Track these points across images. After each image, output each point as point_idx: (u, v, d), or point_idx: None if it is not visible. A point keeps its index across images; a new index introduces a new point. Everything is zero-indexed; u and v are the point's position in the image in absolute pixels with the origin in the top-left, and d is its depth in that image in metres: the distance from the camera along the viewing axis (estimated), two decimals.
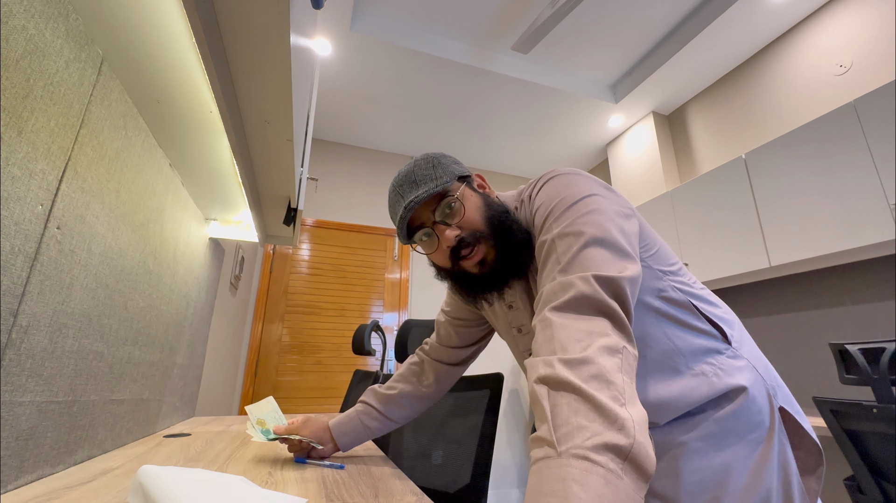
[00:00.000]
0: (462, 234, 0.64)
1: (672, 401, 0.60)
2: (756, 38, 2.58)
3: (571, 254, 0.52)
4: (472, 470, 1.00)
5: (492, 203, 0.67)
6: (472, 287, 0.69)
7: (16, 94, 0.53)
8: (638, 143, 3.30)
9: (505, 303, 0.72)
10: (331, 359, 3.05)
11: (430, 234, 0.66)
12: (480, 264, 0.65)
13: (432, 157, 0.68)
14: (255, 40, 0.66)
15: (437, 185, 0.63)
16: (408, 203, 0.63)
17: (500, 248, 0.64)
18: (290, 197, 1.29)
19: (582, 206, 0.57)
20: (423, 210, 0.65)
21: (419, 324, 1.44)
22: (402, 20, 2.56)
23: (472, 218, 0.65)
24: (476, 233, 0.64)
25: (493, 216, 0.65)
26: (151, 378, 1.06)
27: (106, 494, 0.55)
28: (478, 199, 0.67)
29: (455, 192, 0.66)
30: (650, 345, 0.63)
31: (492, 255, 0.64)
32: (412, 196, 0.63)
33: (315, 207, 3.34)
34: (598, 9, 2.47)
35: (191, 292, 1.34)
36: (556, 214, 0.58)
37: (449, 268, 0.68)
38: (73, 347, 0.69)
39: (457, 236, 0.64)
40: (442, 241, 0.65)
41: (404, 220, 0.64)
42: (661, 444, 0.61)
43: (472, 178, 0.70)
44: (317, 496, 0.56)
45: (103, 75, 0.72)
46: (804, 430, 0.61)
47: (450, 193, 0.65)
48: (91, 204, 0.72)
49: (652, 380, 0.62)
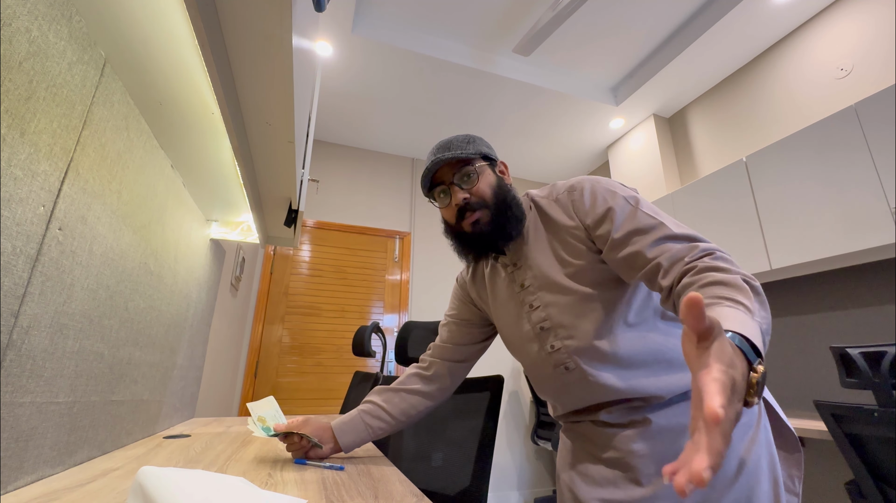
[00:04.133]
0: (470, 199, 0.77)
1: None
2: (757, 42, 2.59)
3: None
4: (471, 472, 1.00)
5: (503, 185, 0.80)
6: (467, 244, 0.82)
7: (19, 96, 0.53)
8: (639, 145, 3.30)
9: (517, 282, 0.81)
10: (331, 360, 3.05)
11: (447, 192, 0.80)
12: (474, 225, 0.78)
13: (470, 135, 0.82)
14: (257, 42, 0.66)
15: (463, 154, 0.78)
16: (436, 159, 0.78)
17: (495, 218, 0.78)
18: (291, 198, 1.29)
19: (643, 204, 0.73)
20: (446, 171, 0.79)
21: (419, 325, 1.44)
22: (404, 22, 2.57)
23: (482, 189, 0.78)
24: (482, 202, 0.78)
25: (499, 193, 0.79)
26: (152, 379, 1.06)
27: (106, 495, 0.55)
28: (493, 177, 0.81)
29: (475, 165, 0.79)
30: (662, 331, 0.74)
31: (486, 220, 0.77)
32: (441, 155, 0.78)
33: (316, 209, 3.34)
34: (599, 11, 2.47)
35: (191, 293, 1.34)
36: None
37: (453, 226, 0.82)
38: (73, 348, 0.69)
39: (465, 198, 0.77)
40: (453, 199, 0.79)
41: (430, 172, 0.79)
42: (672, 427, 0.69)
43: (496, 162, 0.84)
44: (317, 497, 0.56)
45: (106, 77, 0.73)
46: (783, 421, 0.72)
47: (471, 164, 0.79)
48: (93, 205, 0.72)
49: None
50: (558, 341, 0.76)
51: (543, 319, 0.77)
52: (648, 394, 0.69)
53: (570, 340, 0.74)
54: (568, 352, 0.74)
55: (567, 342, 0.75)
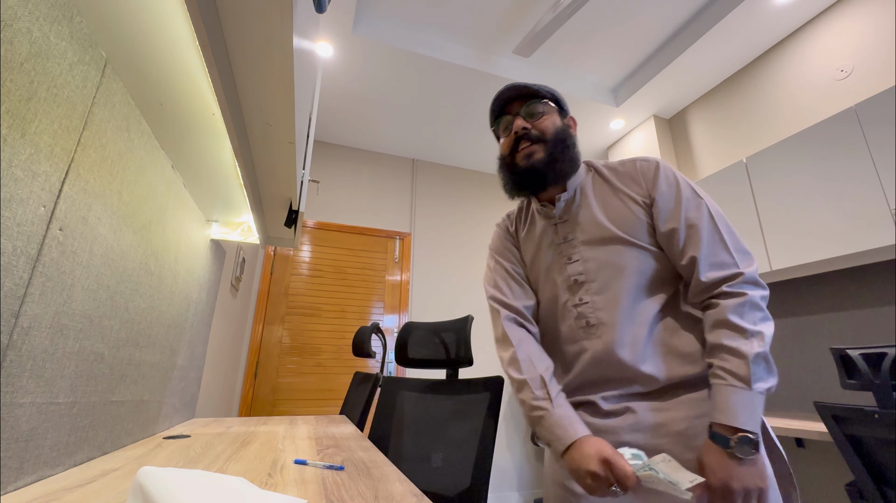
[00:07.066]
0: (530, 130, 0.81)
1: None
2: (757, 43, 2.59)
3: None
4: (471, 473, 1.00)
5: (566, 131, 0.84)
6: (517, 177, 0.84)
7: (20, 97, 0.53)
8: (639, 146, 3.30)
9: (559, 235, 0.84)
10: (331, 360, 3.04)
11: (510, 122, 0.84)
12: (527, 157, 0.81)
13: (549, 86, 0.87)
14: (257, 43, 0.67)
15: (535, 87, 0.83)
16: (511, 85, 0.83)
17: (549, 155, 0.80)
18: (291, 199, 1.29)
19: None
20: (516, 105, 0.84)
21: (420, 326, 1.44)
22: (404, 23, 2.57)
23: (544, 126, 0.82)
24: (540, 136, 0.81)
25: (559, 135, 0.81)
26: (152, 379, 1.06)
27: (106, 496, 0.55)
28: (559, 122, 0.84)
29: (544, 102, 0.83)
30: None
31: (539, 156, 0.80)
32: (517, 84, 0.83)
33: (316, 209, 3.34)
34: (599, 12, 2.47)
35: (192, 294, 1.34)
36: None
37: (507, 157, 0.85)
38: (73, 349, 0.69)
39: (524, 128, 0.81)
40: (513, 126, 0.83)
41: (500, 99, 0.84)
42: (663, 422, 0.72)
43: (567, 113, 0.87)
44: (316, 497, 0.56)
45: (107, 77, 0.73)
46: (773, 442, 0.72)
47: (540, 101, 0.83)
48: (93, 205, 0.72)
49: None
50: (588, 295, 0.79)
51: (580, 272, 0.80)
52: (649, 373, 0.73)
53: (599, 296, 0.78)
54: (595, 307, 0.78)
55: (596, 297, 0.78)
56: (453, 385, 1.26)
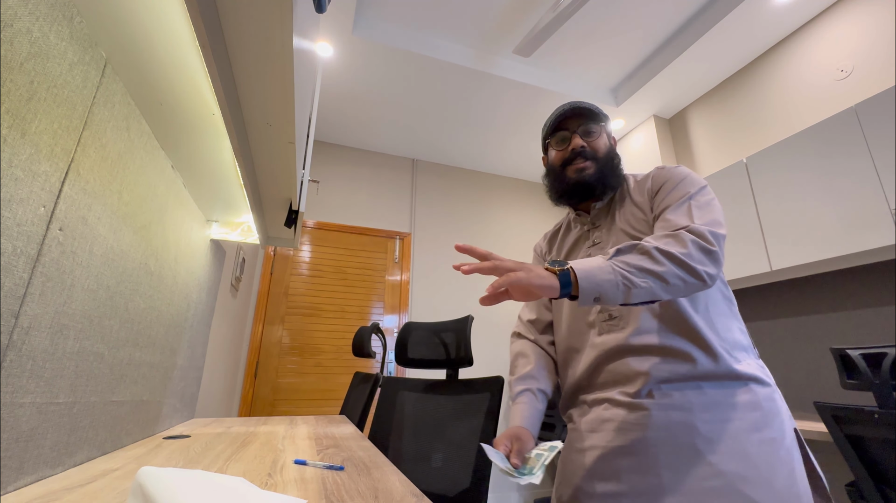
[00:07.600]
0: (586, 148, 0.90)
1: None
2: (757, 43, 2.59)
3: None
4: (471, 473, 1.00)
5: (613, 151, 0.95)
6: (565, 187, 0.92)
7: (20, 97, 0.53)
8: (639, 146, 3.30)
9: (590, 239, 0.93)
10: (331, 360, 3.04)
11: (566, 138, 0.93)
12: (579, 172, 0.90)
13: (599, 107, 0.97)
14: (257, 43, 0.67)
15: (595, 110, 0.93)
16: (574, 103, 0.92)
17: (599, 171, 0.90)
18: (291, 199, 1.29)
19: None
20: (573, 121, 0.92)
21: (420, 326, 1.44)
22: (404, 23, 2.57)
23: (598, 145, 0.92)
24: (594, 154, 0.91)
25: (609, 154, 0.93)
26: (152, 379, 1.06)
27: (106, 496, 0.55)
28: (609, 142, 0.95)
29: (600, 125, 0.93)
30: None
31: (591, 171, 0.89)
32: (578, 104, 0.92)
33: (316, 209, 3.34)
34: (599, 12, 2.47)
35: (191, 294, 1.34)
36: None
37: (557, 168, 0.94)
38: (73, 349, 0.69)
39: (582, 146, 0.90)
40: (571, 143, 0.91)
41: (559, 117, 0.93)
42: (678, 421, 0.74)
43: (612, 135, 0.97)
44: (317, 497, 0.56)
45: (107, 77, 0.73)
46: (816, 471, 0.74)
47: (597, 122, 0.93)
48: (93, 205, 0.72)
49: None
50: None
51: None
52: (669, 367, 0.75)
53: None
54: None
55: None
56: (453, 385, 1.26)
